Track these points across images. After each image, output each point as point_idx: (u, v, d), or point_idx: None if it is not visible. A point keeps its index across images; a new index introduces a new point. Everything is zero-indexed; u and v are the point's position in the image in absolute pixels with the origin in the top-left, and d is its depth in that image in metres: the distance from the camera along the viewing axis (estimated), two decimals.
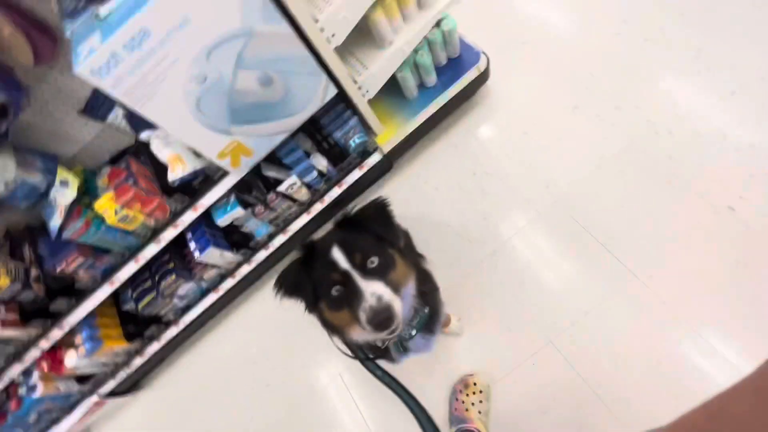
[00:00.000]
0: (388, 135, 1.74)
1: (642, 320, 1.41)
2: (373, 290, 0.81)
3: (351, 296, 0.84)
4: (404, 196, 1.92)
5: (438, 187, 1.88)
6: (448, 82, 1.73)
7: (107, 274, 1.56)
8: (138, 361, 1.87)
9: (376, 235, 0.93)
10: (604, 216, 1.57)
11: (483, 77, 1.78)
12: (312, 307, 0.94)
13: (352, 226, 0.95)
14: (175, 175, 1.47)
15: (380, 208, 0.99)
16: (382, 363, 1.07)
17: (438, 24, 1.58)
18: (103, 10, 1.03)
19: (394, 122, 1.76)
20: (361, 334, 0.95)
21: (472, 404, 1.45)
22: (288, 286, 0.94)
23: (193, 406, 1.98)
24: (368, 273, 0.85)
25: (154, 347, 1.87)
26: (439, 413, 1.52)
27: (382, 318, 0.79)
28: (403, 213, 1.69)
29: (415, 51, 1.57)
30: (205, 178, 1.57)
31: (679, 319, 1.36)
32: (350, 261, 0.85)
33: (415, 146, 1.91)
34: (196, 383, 2.02)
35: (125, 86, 1.06)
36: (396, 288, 0.86)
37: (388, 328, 0.81)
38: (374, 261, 0.86)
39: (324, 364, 1.80)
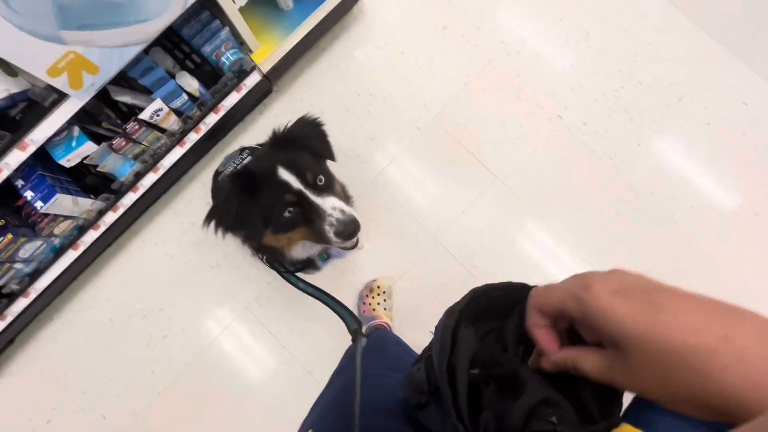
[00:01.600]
0: (266, 52, 1.59)
1: (502, 212, 1.75)
2: (333, 205, 0.83)
3: (308, 215, 0.85)
4: (289, 120, 1.84)
5: (324, 110, 1.84)
6: None
7: None
8: None
9: (313, 153, 0.93)
10: (471, 129, 1.81)
11: None
12: (257, 235, 0.90)
13: (288, 144, 0.92)
14: None
15: (315, 126, 0.97)
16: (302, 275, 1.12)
17: None
18: None
19: (271, 37, 1.61)
20: (303, 250, 0.98)
21: (378, 304, 1.64)
22: (231, 220, 0.87)
23: (71, 382, 1.73)
24: (320, 190, 0.86)
25: None
26: None
27: (351, 228, 0.83)
28: None
29: None
30: (29, 104, 1.21)
31: (528, 208, 1.75)
32: (302, 181, 0.84)
33: (295, 66, 1.80)
34: (71, 356, 1.74)
35: None
36: (341, 200, 0.90)
37: (354, 237, 0.86)
38: (322, 179, 0.87)
39: (226, 302, 1.75)
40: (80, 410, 1.70)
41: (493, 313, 0.49)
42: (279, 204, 0.84)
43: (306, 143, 0.93)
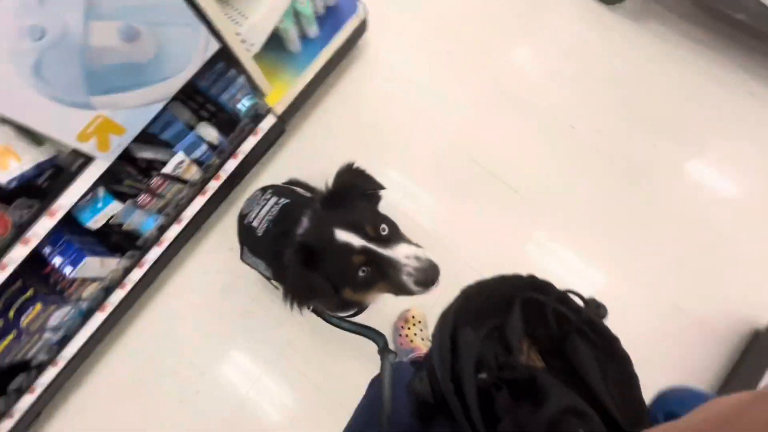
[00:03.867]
0: (278, 95, 1.61)
1: (525, 227, 1.74)
2: (405, 254, 0.75)
3: (383, 270, 0.77)
4: (305, 159, 1.85)
5: (339, 145, 1.86)
6: (331, 31, 1.66)
7: None
8: (8, 424, 1.43)
9: (364, 197, 0.88)
10: (489, 148, 1.81)
11: (363, 27, 1.77)
12: (334, 299, 0.85)
13: (339, 201, 0.86)
14: (9, 174, 1.09)
15: (357, 173, 0.92)
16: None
17: None
18: None
19: (282, 80, 1.63)
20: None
21: (415, 334, 1.60)
22: (304, 295, 0.84)
23: None
24: (386, 240, 0.78)
25: (28, 401, 1.45)
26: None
27: (432, 275, 0.75)
28: (309, 176, 1.65)
29: None
30: (55, 171, 1.21)
31: (541, 216, 1.73)
32: (364, 237, 0.77)
33: (305, 105, 1.82)
34: (100, 421, 1.67)
35: None
36: (413, 245, 0.81)
37: (436, 282, 0.77)
38: (385, 228, 0.79)
39: (258, 350, 1.69)
40: None
41: (490, 311, 0.48)
42: (350, 267, 0.77)
43: (354, 190, 0.88)
